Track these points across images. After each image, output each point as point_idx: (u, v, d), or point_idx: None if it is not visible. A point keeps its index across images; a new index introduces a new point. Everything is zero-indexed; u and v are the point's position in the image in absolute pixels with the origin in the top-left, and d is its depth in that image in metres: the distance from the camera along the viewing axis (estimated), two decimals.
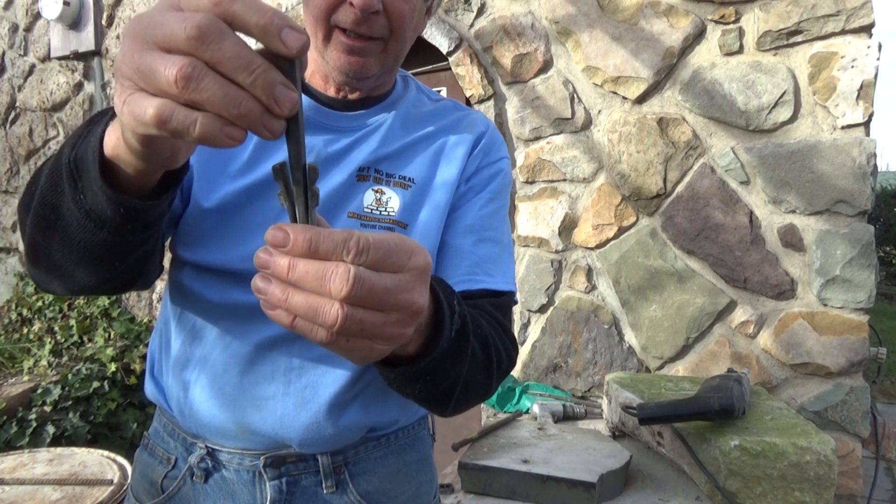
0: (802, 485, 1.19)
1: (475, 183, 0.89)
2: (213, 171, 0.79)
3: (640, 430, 1.46)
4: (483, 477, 1.29)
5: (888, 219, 8.33)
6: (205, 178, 0.78)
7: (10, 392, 2.72)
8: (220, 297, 0.79)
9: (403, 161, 0.86)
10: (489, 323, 0.78)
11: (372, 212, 0.82)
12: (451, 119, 0.91)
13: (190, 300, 0.82)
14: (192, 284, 0.81)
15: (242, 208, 0.79)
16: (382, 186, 0.84)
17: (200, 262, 0.79)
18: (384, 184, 0.84)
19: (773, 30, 1.88)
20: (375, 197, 0.83)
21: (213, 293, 0.80)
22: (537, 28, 2.24)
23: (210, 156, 0.79)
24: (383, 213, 0.83)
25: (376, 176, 0.84)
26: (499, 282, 0.85)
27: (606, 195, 2.16)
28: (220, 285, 0.79)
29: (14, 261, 3.86)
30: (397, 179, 0.85)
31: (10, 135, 3.78)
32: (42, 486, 1.69)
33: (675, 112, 2.05)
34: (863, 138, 1.80)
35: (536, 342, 2.31)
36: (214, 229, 0.78)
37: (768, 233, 1.93)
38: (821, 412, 1.86)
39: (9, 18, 3.72)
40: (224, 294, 0.79)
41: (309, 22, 0.78)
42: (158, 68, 0.37)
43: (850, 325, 1.83)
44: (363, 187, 0.83)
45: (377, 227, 0.82)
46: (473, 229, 0.88)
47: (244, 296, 0.77)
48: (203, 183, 0.78)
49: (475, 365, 0.70)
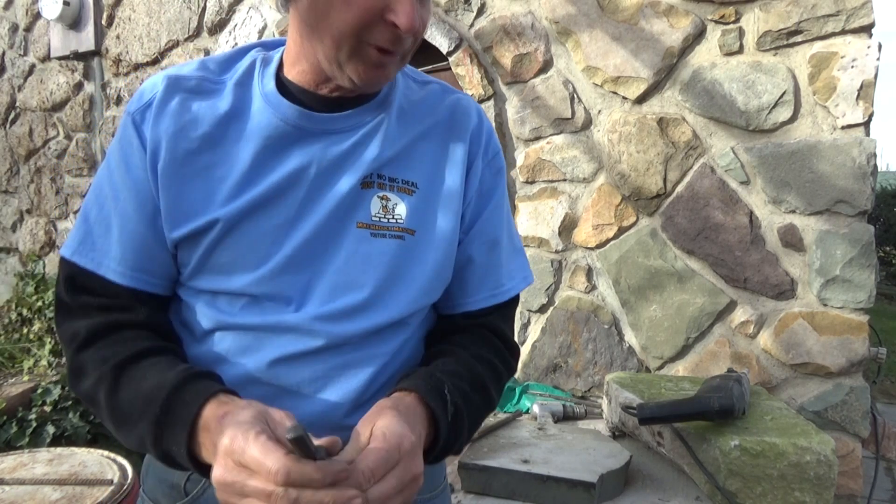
0: (802, 485, 1.19)
1: (485, 190, 0.89)
2: (198, 205, 0.77)
3: (640, 430, 1.46)
4: (483, 477, 1.29)
5: (888, 219, 8.33)
6: (192, 214, 0.77)
7: (10, 392, 2.73)
8: (236, 318, 0.79)
9: (405, 164, 0.84)
10: (488, 352, 0.85)
11: (380, 220, 0.81)
12: (444, 110, 0.89)
13: (202, 322, 0.81)
14: (206, 309, 0.80)
15: (248, 230, 0.78)
16: (387, 192, 0.82)
17: (218, 290, 0.79)
18: (388, 189, 0.82)
19: (773, 30, 1.88)
20: (381, 204, 0.82)
21: (227, 315, 0.79)
22: (537, 28, 2.24)
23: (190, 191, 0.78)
24: (391, 220, 0.82)
25: (380, 182, 0.82)
26: (518, 282, 0.90)
27: (606, 195, 2.16)
28: (234, 307, 0.79)
29: (14, 261, 3.86)
30: (400, 184, 0.84)
31: (10, 135, 3.78)
32: (42, 486, 1.69)
33: (675, 112, 2.05)
34: (863, 138, 1.80)
35: (536, 342, 2.31)
36: (228, 256, 0.78)
37: (768, 233, 1.93)
38: (821, 412, 1.86)
39: (9, 18, 3.72)
40: (241, 316, 0.79)
41: (326, 36, 0.74)
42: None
43: (850, 325, 1.83)
44: (369, 195, 0.81)
45: (387, 235, 0.81)
46: (494, 239, 0.90)
47: (260, 317, 0.79)
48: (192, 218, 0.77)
49: (478, 414, 0.81)
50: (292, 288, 0.79)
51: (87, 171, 3.47)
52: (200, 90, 0.80)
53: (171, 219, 0.77)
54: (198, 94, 0.80)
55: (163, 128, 0.78)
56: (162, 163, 0.77)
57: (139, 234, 0.78)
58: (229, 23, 2.92)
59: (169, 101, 0.79)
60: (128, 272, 0.77)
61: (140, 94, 0.81)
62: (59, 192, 3.59)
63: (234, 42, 2.90)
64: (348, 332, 0.80)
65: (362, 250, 0.80)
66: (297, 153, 0.79)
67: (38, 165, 3.67)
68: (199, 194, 0.77)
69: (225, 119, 0.79)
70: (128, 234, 0.77)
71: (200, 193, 0.77)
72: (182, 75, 0.80)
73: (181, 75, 0.80)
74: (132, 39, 3.23)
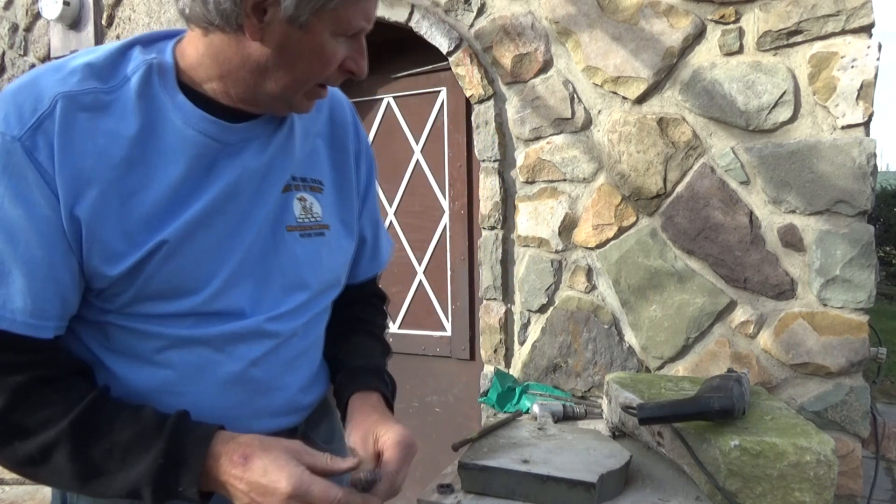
0: (802, 485, 1.19)
1: (364, 177, 1.02)
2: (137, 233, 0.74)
3: (640, 430, 1.46)
4: (483, 477, 1.29)
5: (888, 219, 8.34)
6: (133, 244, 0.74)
7: None
8: (190, 332, 0.79)
9: (310, 164, 0.91)
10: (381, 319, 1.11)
11: (304, 221, 0.88)
12: (325, 106, 0.95)
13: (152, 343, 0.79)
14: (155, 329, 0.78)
15: (191, 249, 0.77)
16: (303, 193, 0.89)
17: (163, 313, 0.78)
18: (303, 189, 0.89)
19: (773, 30, 1.88)
20: (301, 205, 0.88)
21: (181, 330, 0.79)
22: (537, 28, 2.24)
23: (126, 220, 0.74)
24: (311, 219, 0.89)
25: (296, 184, 0.88)
26: (388, 248, 1.11)
27: (606, 195, 2.16)
28: (184, 324, 0.79)
29: None
30: (311, 183, 0.90)
31: None
32: (42, 486, 1.69)
33: (675, 112, 2.05)
34: (863, 138, 1.80)
35: (536, 342, 2.31)
36: (173, 279, 0.76)
37: (768, 233, 1.93)
38: (821, 412, 1.86)
39: (9, 18, 3.72)
40: (195, 329, 0.79)
41: (286, 79, 0.77)
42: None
43: (850, 325, 1.83)
44: (290, 198, 0.87)
45: (312, 234, 0.89)
46: (372, 220, 1.06)
47: (215, 327, 0.80)
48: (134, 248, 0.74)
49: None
50: (240, 299, 0.82)
51: None
52: (98, 106, 0.72)
53: (108, 254, 0.72)
54: (98, 112, 0.72)
55: (84, 162, 0.70)
56: (92, 200, 0.71)
57: (52, 279, 0.70)
58: None
59: (72, 124, 0.70)
60: (45, 323, 0.71)
61: (17, 111, 0.69)
62: None
63: None
64: (297, 324, 0.88)
65: (298, 251, 0.87)
66: (226, 166, 0.79)
67: None
68: (136, 221, 0.73)
69: (139, 137, 0.74)
70: (38, 281, 0.70)
71: (135, 221, 0.73)
72: (73, 91, 0.71)
73: (72, 92, 0.71)
74: None
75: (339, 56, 0.76)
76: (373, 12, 0.77)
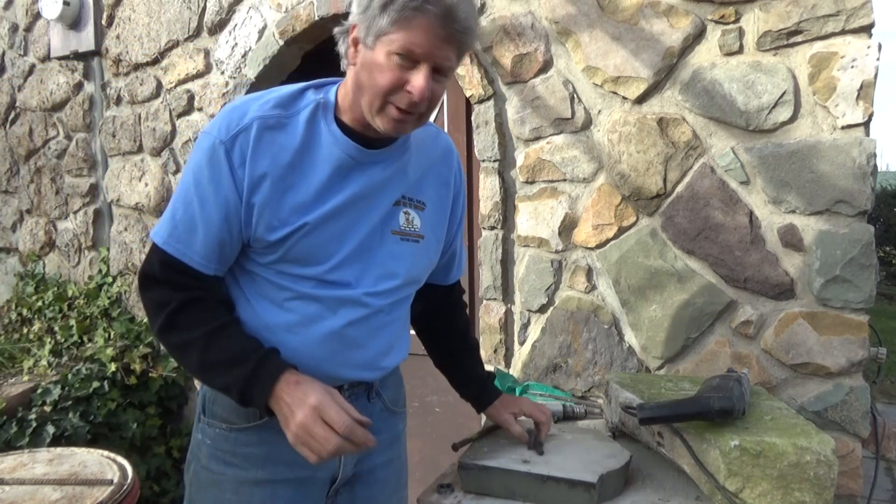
0: (802, 485, 1.19)
1: (457, 207, 1.33)
2: (290, 214, 1.07)
3: (640, 430, 1.46)
4: (483, 477, 1.29)
5: (888, 219, 8.34)
6: (287, 221, 1.06)
7: (10, 392, 2.72)
8: (312, 291, 1.10)
9: (419, 188, 1.21)
10: (465, 317, 1.52)
11: (405, 229, 1.18)
12: (439, 149, 1.28)
13: (283, 294, 1.10)
14: (287, 285, 1.10)
15: (322, 232, 1.08)
16: (409, 209, 1.18)
17: (297, 274, 1.09)
18: (409, 206, 1.19)
19: (773, 30, 1.88)
20: (406, 217, 1.18)
21: (305, 289, 1.10)
22: (537, 28, 2.24)
23: (284, 204, 1.07)
24: (412, 229, 1.19)
25: (404, 201, 1.18)
26: (464, 265, 1.47)
27: (606, 195, 2.16)
28: (308, 285, 1.10)
29: (14, 261, 3.86)
30: (416, 203, 1.20)
31: (10, 135, 3.78)
32: (42, 486, 1.69)
33: (675, 112, 2.05)
34: (863, 138, 1.80)
35: (536, 342, 2.31)
36: (306, 251, 1.08)
37: (768, 233, 1.93)
38: (821, 412, 1.86)
39: (9, 18, 3.72)
40: (315, 290, 1.10)
41: (365, 91, 1.03)
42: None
43: (850, 325, 1.83)
44: (398, 210, 1.17)
45: (409, 240, 1.18)
46: (460, 240, 1.42)
47: (329, 291, 1.11)
48: (287, 224, 1.06)
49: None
50: (350, 275, 1.12)
51: (86, 171, 3.47)
52: (279, 126, 1.07)
53: (271, 226, 1.05)
54: (278, 130, 1.06)
55: (263, 164, 1.04)
56: (265, 191, 1.04)
57: (220, 238, 1.05)
58: (229, 23, 2.92)
59: (259, 138, 1.04)
60: (209, 265, 1.07)
61: (227, 124, 1.04)
62: (59, 192, 3.59)
63: (234, 42, 2.90)
64: (385, 303, 1.16)
65: (396, 250, 1.17)
66: (356, 178, 1.10)
67: (37, 165, 3.67)
68: (290, 207, 1.06)
69: (301, 149, 1.07)
70: (212, 236, 1.05)
71: (291, 206, 1.06)
72: (266, 116, 1.06)
73: (266, 116, 1.06)
74: (132, 39, 3.22)
75: (395, 73, 0.99)
76: (428, 45, 0.97)
